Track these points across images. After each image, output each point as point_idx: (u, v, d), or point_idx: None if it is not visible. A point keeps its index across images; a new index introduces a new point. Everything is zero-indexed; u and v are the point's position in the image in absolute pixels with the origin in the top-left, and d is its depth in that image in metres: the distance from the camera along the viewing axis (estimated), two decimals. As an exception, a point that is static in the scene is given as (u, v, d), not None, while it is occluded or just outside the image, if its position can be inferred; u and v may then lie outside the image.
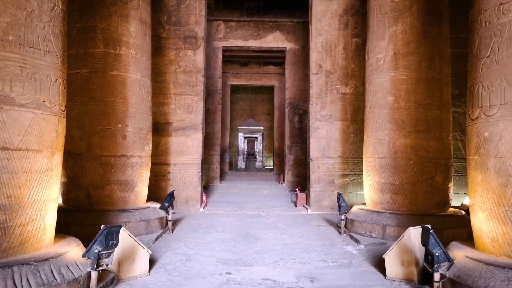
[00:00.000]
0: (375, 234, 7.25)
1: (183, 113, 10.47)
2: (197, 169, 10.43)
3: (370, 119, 7.89)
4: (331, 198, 10.46)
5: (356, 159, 10.46)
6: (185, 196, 10.39)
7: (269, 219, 9.73)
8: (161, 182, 10.37)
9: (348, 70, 10.54)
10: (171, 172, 10.40)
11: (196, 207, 10.38)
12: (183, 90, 10.47)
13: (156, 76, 10.42)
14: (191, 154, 10.45)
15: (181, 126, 10.45)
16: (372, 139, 7.79)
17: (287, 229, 8.57)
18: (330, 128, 10.53)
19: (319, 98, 10.55)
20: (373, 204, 7.81)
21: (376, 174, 7.68)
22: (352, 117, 10.52)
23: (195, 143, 10.46)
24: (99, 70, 7.25)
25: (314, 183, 10.47)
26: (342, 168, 10.48)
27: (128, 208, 7.33)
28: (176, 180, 10.40)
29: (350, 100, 10.52)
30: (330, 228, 8.66)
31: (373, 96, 7.82)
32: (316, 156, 10.51)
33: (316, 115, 10.55)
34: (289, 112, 15.14)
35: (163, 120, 10.44)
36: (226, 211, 10.54)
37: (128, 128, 7.43)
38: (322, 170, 10.48)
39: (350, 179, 10.47)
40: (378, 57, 7.72)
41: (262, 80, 19.26)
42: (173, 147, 10.43)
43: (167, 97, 10.44)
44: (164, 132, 10.43)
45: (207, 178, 15.10)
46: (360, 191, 10.39)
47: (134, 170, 7.52)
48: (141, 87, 7.65)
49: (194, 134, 10.46)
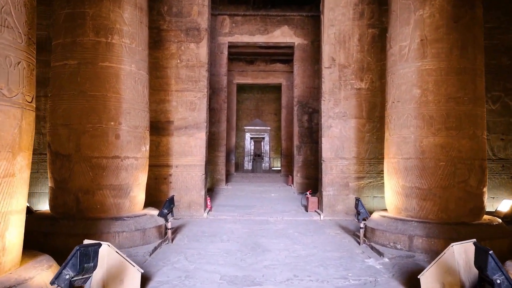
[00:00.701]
0: (401, 246, 6.29)
1: (185, 111, 9.58)
2: (201, 171, 9.53)
3: (392, 115, 6.94)
4: (345, 202, 9.51)
5: (372, 160, 9.51)
6: (187, 201, 9.49)
7: (279, 225, 8.80)
8: (161, 185, 9.49)
9: (364, 64, 9.59)
10: (173, 175, 9.51)
11: (199, 212, 9.48)
12: (185, 86, 9.57)
13: (156, 71, 9.55)
14: (194, 155, 9.55)
15: (183, 125, 9.56)
16: (395, 137, 6.84)
17: (299, 237, 7.63)
18: (344, 126, 9.58)
19: (332, 94, 9.61)
20: (397, 210, 6.85)
21: (400, 177, 6.72)
22: (368, 114, 9.56)
23: (198, 143, 9.57)
24: (89, 61, 6.37)
25: (327, 186, 9.53)
26: (357, 170, 9.53)
27: (122, 216, 6.43)
28: (178, 183, 9.51)
29: (366, 96, 9.57)
30: (346, 237, 7.71)
31: (396, 90, 6.87)
32: (328, 157, 9.57)
33: (328, 112, 9.61)
34: (297, 111, 14.20)
35: (163, 118, 9.56)
36: (232, 216, 9.63)
37: (122, 126, 6.53)
38: (335, 172, 9.54)
39: (366, 182, 9.51)
40: (402, 45, 6.77)
41: (269, 78, 18.33)
42: (175, 147, 9.55)
43: (168, 93, 9.56)
44: (165, 132, 9.54)
45: (212, 180, 14.21)
46: (377, 195, 9.44)
47: (129, 173, 6.63)
48: (136, 80, 6.75)
49: (197, 133, 9.57)
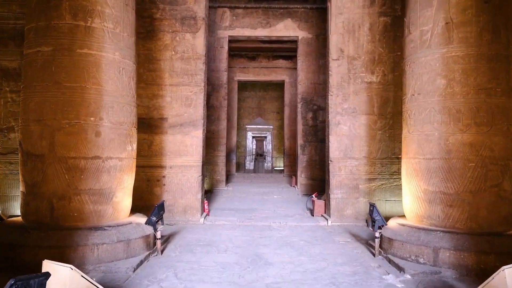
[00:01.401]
0: (424, 259, 5.36)
1: (181, 106, 8.66)
2: (197, 172, 8.62)
3: (412, 109, 5.99)
4: (355, 206, 8.58)
5: (384, 160, 8.57)
6: (183, 205, 8.58)
7: (282, 232, 7.88)
8: (154, 188, 8.58)
9: (375, 55, 8.65)
10: (167, 176, 8.60)
11: (195, 217, 8.56)
12: (181, 80, 8.66)
13: (148, 63, 8.64)
14: (189, 155, 8.64)
15: (178, 122, 8.65)
16: (416, 135, 5.90)
17: (305, 247, 6.71)
18: (353, 123, 8.64)
19: (340, 89, 8.68)
20: (418, 218, 5.91)
21: (421, 180, 5.78)
22: (380, 110, 8.62)
23: (194, 142, 8.65)
24: (65, 48, 5.46)
25: (335, 188, 8.60)
26: (368, 170, 8.59)
27: (103, 225, 5.52)
28: (173, 186, 8.60)
29: (377, 90, 8.62)
30: (358, 246, 6.78)
31: (416, 80, 5.93)
32: (337, 157, 8.64)
33: (336, 108, 8.68)
34: (301, 108, 13.27)
35: (157, 115, 8.65)
36: (231, 221, 8.71)
37: (103, 122, 5.62)
38: (344, 174, 8.60)
39: (378, 184, 8.57)
40: (423, 29, 5.83)
41: (271, 75, 17.39)
42: (169, 146, 8.64)
43: (161, 88, 8.65)
44: (158, 129, 8.63)
45: (212, 181, 13.30)
46: (390, 198, 8.50)
47: (112, 176, 5.71)
48: (120, 70, 5.84)
49: (194, 131, 8.65)
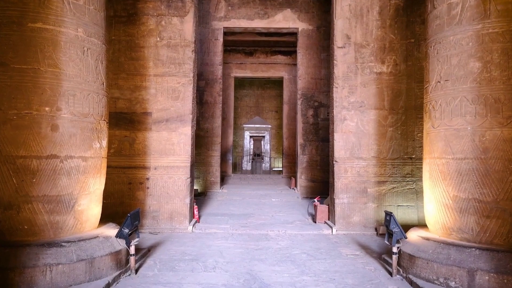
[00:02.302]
0: (456, 283, 4.24)
1: (167, 100, 7.54)
2: (185, 173, 7.50)
3: (438, 99, 4.88)
4: (362, 212, 7.46)
5: (396, 160, 7.46)
6: (169, 211, 7.46)
7: (281, 242, 6.76)
8: (137, 192, 7.46)
9: (385, 42, 7.55)
10: (151, 179, 7.48)
11: (183, 225, 7.44)
12: (167, 70, 7.54)
13: (130, 51, 7.52)
14: (177, 154, 7.52)
15: (163, 117, 7.53)
16: (443, 130, 4.78)
17: (308, 262, 5.59)
18: (361, 119, 7.53)
19: (347, 80, 7.57)
20: (445, 230, 4.79)
21: (450, 184, 4.67)
22: (391, 104, 7.51)
23: (182, 139, 7.53)
24: (13, 21, 4.32)
25: (341, 192, 7.48)
26: (377, 172, 7.48)
27: (60, 240, 4.38)
28: (157, 189, 7.48)
29: (388, 82, 7.52)
30: (370, 262, 5.66)
31: (443, 64, 4.82)
32: (342, 157, 7.52)
33: (342, 102, 7.56)
34: (302, 105, 12.16)
35: (139, 109, 7.53)
36: (224, 229, 7.58)
37: (62, 113, 4.49)
38: (350, 176, 7.49)
39: (389, 188, 7.46)
40: (452, 2, 4.72)
41: (269, 71, 16.27)
42: (154, 144, 7.52)
43: (145, 78, 7.52)
44: (141, 125, 7.51)
45: (205, 183, 12.17)
46: (403, 203, 7.39)
47: (73, 179, 4.58)
48: (85, 50, 4.72)
49: (181, 127, 7.53)
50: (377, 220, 7.41)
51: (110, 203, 7.37)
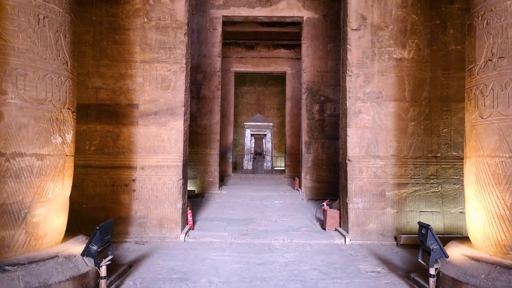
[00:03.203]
0: (522, 321, 3.17)
1: (156, 90, 6.46)
2: (177, 174, 6.42)
3: (489, 81, 3.77)
4: (380, 219, 6.37)
5: (418, 159, 6.37)
6: (158, 217, 6.38)
7: (287, 255, 5.67)
8: (121, 195, 6.38)
9: (407, 24, 6.45)
10: (137, 180, 6.40)
11: (174, 233, 6.36)
12: (155, 56, 6.46)
13: (113, 34, 6.44)
14: (167, 152, 6.44)
15: (152, 110, 6.45)
16: (496, 120, 3.69)
17: (322, 283, 4.49)
18: (378, 112, 6.44)
19: (362, 67, 6.48)
20: (499, 248, 3.69)
21: (507, 190, 3.58)
22: (413, 95, 6.42)
23: (173, 135, 6.45)
24: None
25: (355, 196, 6.40)
26: (397, 173, 6.39)
27: (4, 263, 3.31)
28: (145, 192, 6.40)
29: (409, 69, 6.43)
30: (396, 282, 4.55)
31: (496, 37, 3.72)
32: (356, 155, 6.43)
33: (357, 92, 6.47)
34: (306, 100, 11.07)
35: (124, 100, 6.45)
36: (221, 238, 6.50)
37: (8, 98, 3.41)
38: (366, 177, 6.40)
39: (410, 191, 6.37)
40: (509, -43, 3.64)
41: (271, 66, 15.17)
42: (140, 141, 6.44)
43: (130, 65, 6.44)
44: (127, 119, 6.43)
45: (203, 183, 11.09)
46: (426, 208, 6.30)
47: (25, 183, 3.50)
48: (41, 19, 3.63)
49: (172, 121, 6.45)
50: (397, 228, 6.32)
51: (90, 208, 6.30)
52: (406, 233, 6.27)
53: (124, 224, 6.33)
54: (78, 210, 6.26)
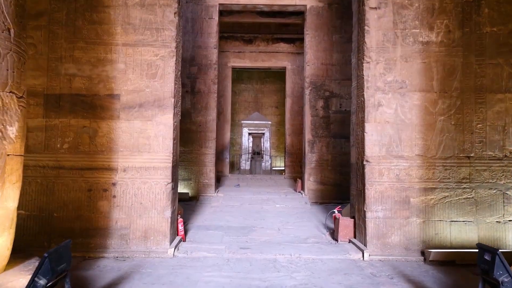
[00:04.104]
0: None
1: (140, 78, 5.38)
2: (165, 177, 5.33)
3: None
4: (404, 230, 5.33)
5: (448, 160, 5.33)
6: (142, 227, 5.30)
7: (296, 275, 4.60)
8: (99, 202, 5.29)
9: (434, 2, 5.41)
10: (119, 184, 5.31)
11: (162, 246, 5.28)
12: (140, 38, 5.38)
13: (91, 12, 5.35)
14: (154, 152, 5.36)
15: (136, 102, 5.37)
16: None
17: (346, 319, 3.45)
18: (401, 104, 5.40)
19: (382, 52, 5.43)
20: None
21: None
22: (442, 85, 5.38)
23: (161, 131, 5.37)
24: None
25: (374, 203, 5.35)
26: (423, 176, 5.35)
27: None
28: (127, 198, 5.31)
29: (438, 54, 5.39)
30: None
31: None
32: (376, 155, 5.38)
33: (376, 81, 5.42)
34: (310, 95, 10.02)
35: (103, 90, 5.36)
36: (217, 252, 5.41)
37: None
38: (387, 181, 5.35)
39: (439, 197, 5.33)
40: None
41: (271, 61, 14.09)
42: (122, 138, 5.35)
43: (110, 49, 5.36)
44: (106, 112, 5.34)
45: (198, 185, 10.01)
46: (458, 218, 5.26)
47: None
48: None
49: (160, 115, 5.37)
50: (424, 240, 5.28)
51: (62, 217, 5.22)
52: (434, 246, 5.23)
53: (102, 236, 5.24)
54: (48, 219, 5.19)
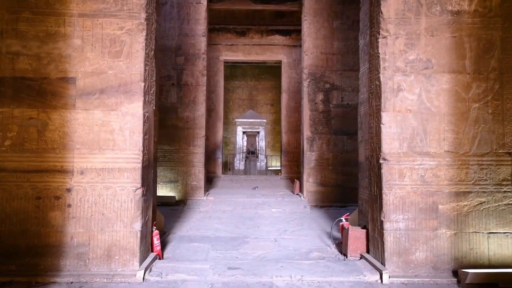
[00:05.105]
0: None
1: (101, 57, 4.21)
2: (134, 180, 4.16)
3: None
4: (431, 245, 4.19)
5: (485, 157, 4.21)
6: (105, 244, 4.12)
7: (299, 307, 3.47)
8: (50, 213, 4.10)
9: (466, -38, 4.31)
10: (75, 190, 4.13)
11: (129, 268, 4.10)
12: (101, 7, 4.21)
13: (37, -27, 4.18)
14: (119, 149, 4.19)
15: (96, 87, 4.19)
16: None
17: None
18: (427, 89, 4.27)
19: (402, 24, 4.30)
20: None
21: None
22: (477, 64, 4.26)
23: (128, 123, 4.20)
24: None
25: (394, 211, 4.22)
26: (454, 177, 4.22)
27: None
28: (85, 208, 4.13)
29: (471, 27, 4.27)
30: None
31: None
32: (395, 152, 4.25)
33: (395, 61, 4.29)
34: (309, 88, 8.90)
35: (55, 72, 4.18)
36: (200, 273, 4.23)
37: None
38: (410, 183, 4.22)
39: (474, 203, 4.21)
40: None
41: (265, 54, 12.94)
42: (79, 132, 4.18)
43: (64, 21, 4.18)
44: (59, 100, 4.17)
45: (185, 188, 8.84)
46: (498, 229, 4.13)
47: None
48: None
49: (127, 103, 4.20)
50: (456, 257, 4.15)
51: (4, 233, 4.05)
52: (469, 265, 4.10)
53: (55, 255, 4.06)
54: (-16, 235, 4.00)
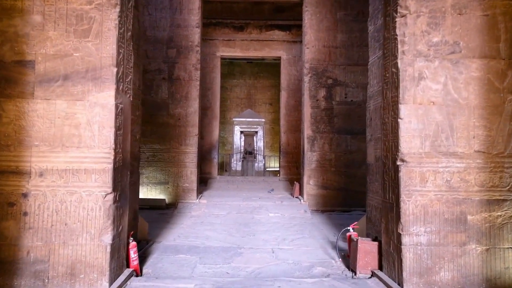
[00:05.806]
0: None
1: (66, 36, 3.48)
2: (103, 184, 3.43)
3: None
4: (458, 263, 3.46)
5: (522, 158, 3.50)
6: (68, 260, 3.38)
7: None
8: (2, 223, 3.37)
9: None
10: (32, 195, 3.40)
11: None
12: (66, -24, 3.50)
13: None
14: (86, 146, 3.46)
15: (59, 72, 3.46)
16: None
17: None
18: (453, 77, 3.55)
19: (425, 0, 3.59)
20: None
21: None
22: (512, 48, 3.56)
23: (97, 116, 3.47)
24: None
25: (414, 222, 3.49)
26: (486, 182, 3.50)
27: None
28: (45, 217, 3.40)
29: (507, 4, 3.54)
30: None
31: None
32: (416, 152, 3.53)
33: (416, 43, 3.57)
34: (310, 83, 8.17)
35: (10, 55, 3.45)
36: (181, 295, 3.53)
37: None
38: (433, 189, 3.50)
39: (510, 212, 3.48)
40: None
41: (264, 50, 12.21)
42: (39, 126, 3.44)
43: (20, -8, 3.47)
44: (13, 88, 3.44)
45: (176, 190, 8.10)
46: (539, 244, 3.37)
47: None
48: None
49: (96, 92, 3.47)
50: (488, 278, 3.42)
51: None
52: (503, 287, 3.38)
53: (7, 273, 3.32)
54: None
